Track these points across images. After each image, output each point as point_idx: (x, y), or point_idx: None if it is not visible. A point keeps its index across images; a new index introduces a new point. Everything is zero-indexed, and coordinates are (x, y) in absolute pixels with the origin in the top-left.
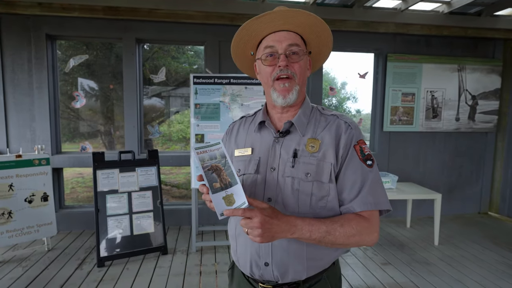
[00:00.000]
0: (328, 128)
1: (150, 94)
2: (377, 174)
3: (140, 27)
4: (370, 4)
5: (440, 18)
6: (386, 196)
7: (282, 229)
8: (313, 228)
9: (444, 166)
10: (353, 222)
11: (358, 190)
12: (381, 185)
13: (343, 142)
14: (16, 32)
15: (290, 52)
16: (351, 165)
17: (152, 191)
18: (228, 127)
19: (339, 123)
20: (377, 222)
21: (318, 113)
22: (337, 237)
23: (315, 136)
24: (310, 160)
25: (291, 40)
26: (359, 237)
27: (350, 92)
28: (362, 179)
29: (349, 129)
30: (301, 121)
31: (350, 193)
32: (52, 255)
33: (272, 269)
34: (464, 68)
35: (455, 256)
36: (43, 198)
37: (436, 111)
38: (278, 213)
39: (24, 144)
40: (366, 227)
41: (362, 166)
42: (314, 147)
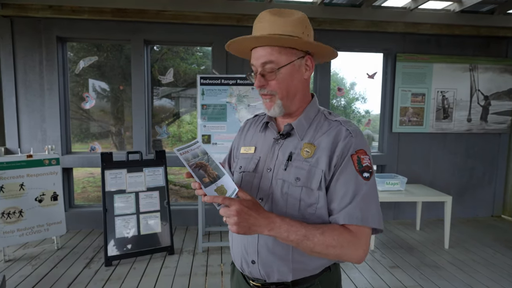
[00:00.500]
0: (327, 133)
1: (160, 95)
2: (373, 189)
3: (148, 28)
4: (378, 4)
5: (451, 17)
6: (379, 214)
7: (259, 223)
8: (292, 229)
9: (455, 168)
10: (335, 232)
11: (348, 201)
12: (375, 201)
13: (339, 150)
14: (28, 34)
15: (265, 70)
16: (344, 174)
17: (159, 191)
18: (242, 124)
19: (340, 129)
20: (365, 239)
21: (322, 117)
22: (315, 243)
23: (313, 141)
24: (303, 165)
25: (264, 57)
26: (340, 250)
27: (359, 92)
28: (354, 191)
29: (348, 137)
30: (301, 125)
31: (339, 204)
32: (61, 254)
33: (258, 268)
34: (476, 68)
35: (466, 260)
36: (53, 198)
37: (447, 112)
38: (259, 207)
39: (35, 144)
40: (349, 241)
41: (357, 177)
42: (308, 152)
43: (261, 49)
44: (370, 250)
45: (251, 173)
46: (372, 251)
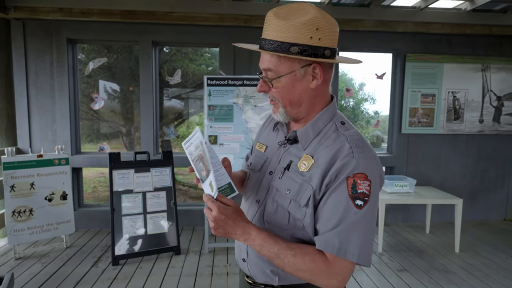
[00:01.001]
0: (329, 148)
1: (170, 95)
2: (364, 219)
3: (156, 30)
4: (387, 3)
5: (463, 16)
6: (364, 249)
7: (235, 231)
8: (265, 244)
9: (467, 170)
10: (307, 257)
11: (328, 227)
12: (361, 232)
13: (334, 169)
14: (39, 36)
15: (266, 78)
16: (334, 197)
17: (166, 191)
18: (267, 117)
19: (342, 146)
20: (340, 270)
21: (333, 128)
22: (286, 264)
23: (313, 153)
24: (297, 178)
25: (265, 63)
26: (310, 276)
27: (368, 93)
28: (340, 217)
29: (349, 156)
30: (306, 134)
31: (323, 227)
32: (70, 252)
33: (248, 267)
34: (489, 68)
35: (477, 264)
36: (62, 197)
37: (458, 113)
38: (237, 216)
39: (45, 145)
40: (321, 270)
41: (348, 203)
42: (305, 165)
43: (264, 54)
44: (377, 253)
45: (256, 172)
46: (380, 254)
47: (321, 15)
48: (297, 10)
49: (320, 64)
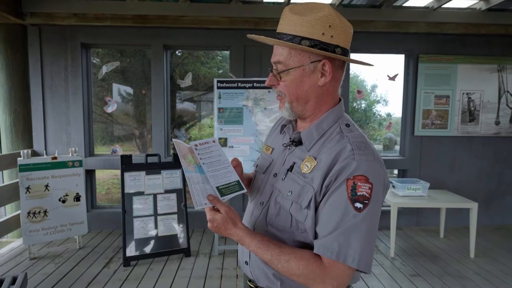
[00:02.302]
0: (332, 150)
1: (182, 98)
2: (365, 223)
3: (168, 33)
4: (399, 4)
5: (478, 15)
6: (365, 253)
7: (230, 235)
8: (259, 251)
9: (482, 173)
10: (302, 262)
11: (329, 231)
12: (362, 236)
13: (334, 170)
14: (55, 41)
15: (275, 71)
16: (333, 199)
17: (176, 193)
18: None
19: (344, 147)
20: (335, 275)
21: (338, 129)
22: (280, 269)
23: (316, 155)
24: (299, 179)
25: (276, 56)
26: (305, 280)
27: (380, 95)
28: (338, 220)
29: (349, 158)
30: (310, 135)
31: (321, 230)
32: (83, 253)
33: (250, 269)
34: (505, 68)
35: (492, 270)
36: (76, 198)
37: (473, 115)
38: (228, 223)
39: (60, 147)
40: (316, 274)
41: (347, 206)
42: (308, 167)
43: (276, 47)
44: (390, 257)
45: (262, 174)
46: (392, 258)
47: (336, 14)
48: (312, 7)
49: (330, 61)
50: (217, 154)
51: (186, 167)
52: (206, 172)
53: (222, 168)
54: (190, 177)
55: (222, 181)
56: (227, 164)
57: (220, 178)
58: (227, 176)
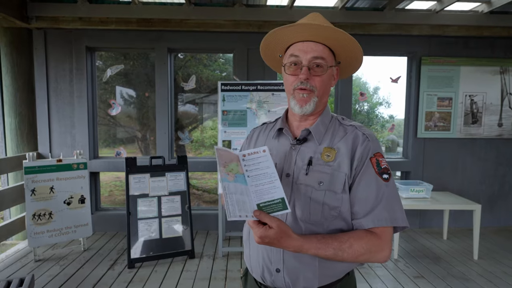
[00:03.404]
0: (345, 138)
1: (184, 101)
2: (393, 189)
3: (172, 37)
4: (402, 7)
5: (480, 18)
6: (403, 212)
7: (286, 247)
8: (320, 252)
9: (485, 175)
10: (363, 241)
11: (372, 205)
12: (398, 200)
13: (358, 153)
14: (60, 45)
15: (314, 65)
16: (365, 178)
17: (180, 195)
18: (249, 133)
19: (356, 134)
20: (389, 239)
21: (337, 122)
22: (345, 257)
23: (332, 145)
24: (325, 169)
25: (316, 52)
26: (368, 255)
27: (383, 97)
28: (376, 194)
29: (366, 141)
30: (318, 130)
31: (362, 207)
32: (87, 255)
33: (283, 276)
34: (508, 71)
35: (496, 272)
36: (81, 201)
37: (476, 116)
38: (283, 237)
39: (64, 149)
40: (376, 245)
41: (378, 179)
42: (329, 156)
43: (313, 44)
44: (393, 259)
45: None
46: (396, 260)
47: None
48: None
49: (337, 68)
50: (266, 165)
51: (225, 176)
52: (250, 186)
53: (268, 183)
54: (226, 186)
55: (265, 198)
56: (274, 178)
57: (263, 194)
58: (272, 191)
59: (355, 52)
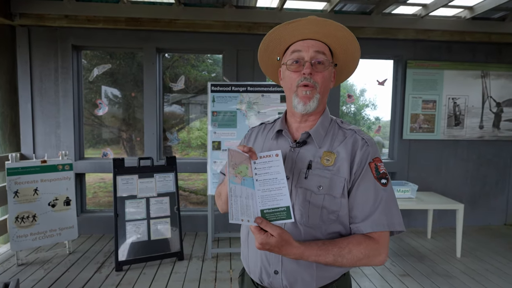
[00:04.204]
0: (344, 142)
1: (170, 101)
2: (391, 193)
3: (161, 37)
4: (389, 11)
5: (462, 23)
6: (400, 217)
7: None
8: (320, 258)
9: (467, 175)
10: (361, 246)
11: (370, 209)
12: (395, 205)
13: (358, 158)
14: (45, 43)
15: (316, 60)
16: (364, 182)
17: (169, 197)
18: (247, 132)
19: (356, 138)
20: (386, 243)
21: (336, 126)
22: (344, 263)
23: (331, 149)
24: (324, 173)
25: (318, 47)
26: (367, 260)
27: (369, 99)
28: (374, 199)
29: (365, 146)
30: (318, 133)
31: (361, 212)
32: (73, 258)
33: (281, 278)
34: (488, 75)
35: (478, 269)
36: (66, 203)
37: (459, 119)
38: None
39: (49, 150)
40: (374, 249)
41: (376, 184)
42: (329, 160)
43: (314, 41)
44: None
45: None
46: None
47: None
48: None
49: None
50: (276, 170)
51: (232, 178)
52: (257, 190)
53: (276, 189)
54: (232, 189)
55: (270, 204)
56: (282, 184)
57: (269, 200)
58: (278, 199)
59: (353, 51)
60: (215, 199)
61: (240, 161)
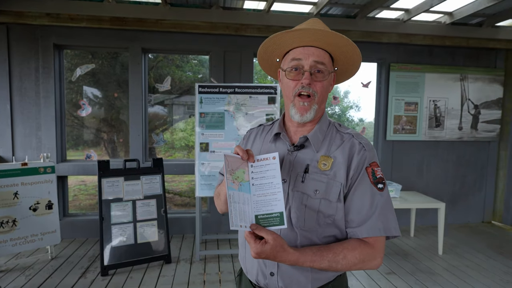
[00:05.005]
0: (342, 147)
1: (153, 102)
2: (388, 198)
3: (147, 37)
4: (373, 15)
5: (443, 28)
6: (396, 221)
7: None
8: (315, 264)
9: (448, 175)
10: (356, 251)
11: (366, 214)
12: (391, 209)
13: (355, 163)
14: (24, 41)
15: (315, 70)
16: (360, 187)
17: (156, 199)
18: (246, 133)
19: (353, 143)
20: (382, 248)
21: (334, 129)
22: (339, 268)
23: (329, 153)
24: (321, 177)
25: (318, 57)
26: (362, 264)
27: (353, 101)
28: (371, 203)
29: (362, 150)
30: (316, 137)
31: (357, 216)
32: (56, 264)
33: (277, 280)
34: (467, 78)
35: (459, 265)
36: (48, 206)
37: (439, 120)
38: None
39: (29, 152)
40: (369, 254)
41: (372, 189)
42: (326, 165)
43: (314, 49)
44: None
45: None
46: None
47: None
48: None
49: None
50: (272, 174)
51: (230, 184)
52: (252, 195)
53: (271, 194)
54: (231, 195)
55: (263, 210)
56: (277, 190)
57: (263, 205)
58: (272, 204)
59: (354, 58)
60: (214, 199)
61: (237, 166)
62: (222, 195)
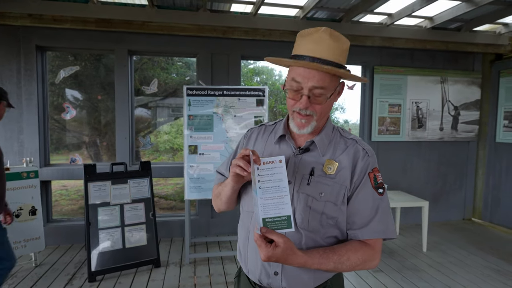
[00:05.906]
0: (346, 152)
1: (136, 104)
2: (387, 202)
3: (133, 39)
4: (357, 19)
5: (423, 32)
6: (394, 224)
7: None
8: (322, 266)
9: (430, 174)
10: (359, 253)
11: (368, 218)
12: (390, 213)
13: (359, 168)
14: (5, 42)
15: (313, 93)
16: (363, 191)
17: (144, 203)
18: (246, 133)
19: (357, 148)
20: (380, 249)
21: (338, 134)
22: (343, 269)
23: (334, 158)
24: (326, 181)
25: (318, 81)
26: (363, 265)
27: (338, 103)
28: (372, 207)
29: (366, 156)
30: (322, 141)
31: (359, 219)
32: (40, 271)
33: (281, 279)
34: (446, 80)
35: (443, 262)
36: (31, 212)
37: (421, 121)
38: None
39: (11, 157)
40: (370, 255)
41: (374, 193)
42: (331, 168)
43: (316, 72)
44: None
45: None
46: None
47: None
48: (338, 34)
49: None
50: (278, 178)
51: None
52: (259, 198)
53: (278, 197)
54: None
55: (271, 213)
56: (284, 193)
57: (271, 208)
58: (280, 207)
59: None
60: (213, 199)
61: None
62: (222, 195)
